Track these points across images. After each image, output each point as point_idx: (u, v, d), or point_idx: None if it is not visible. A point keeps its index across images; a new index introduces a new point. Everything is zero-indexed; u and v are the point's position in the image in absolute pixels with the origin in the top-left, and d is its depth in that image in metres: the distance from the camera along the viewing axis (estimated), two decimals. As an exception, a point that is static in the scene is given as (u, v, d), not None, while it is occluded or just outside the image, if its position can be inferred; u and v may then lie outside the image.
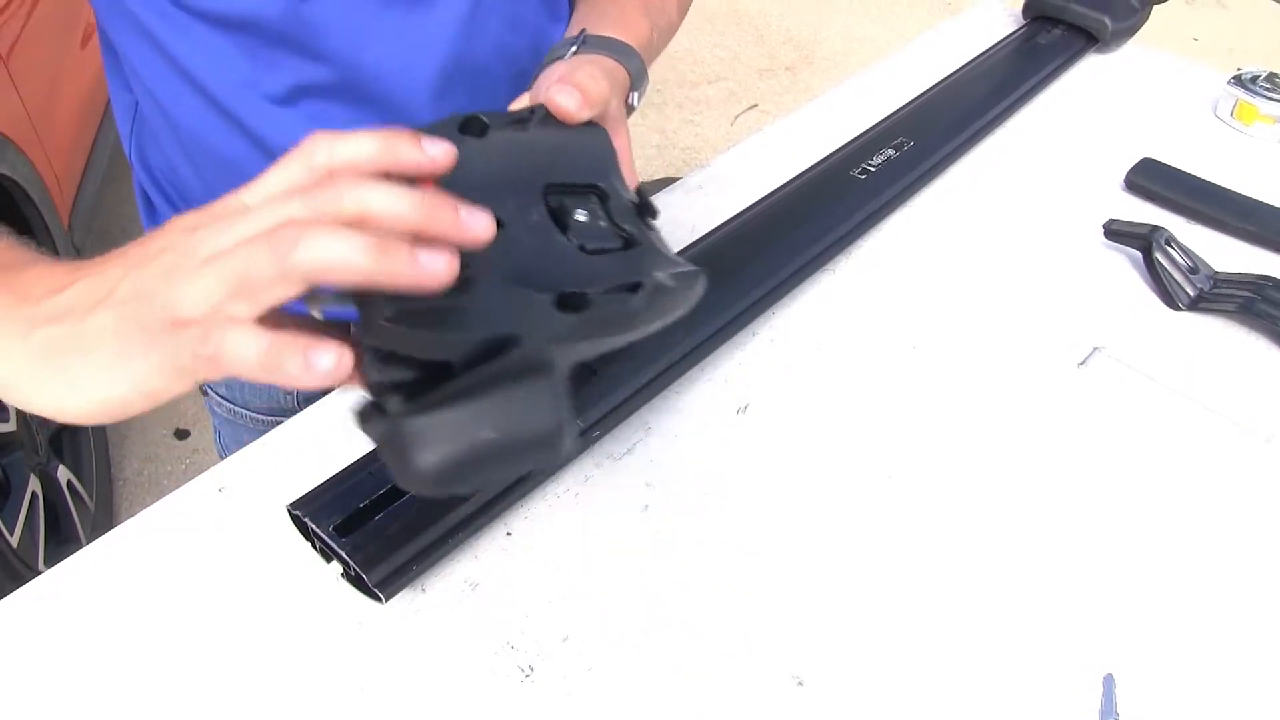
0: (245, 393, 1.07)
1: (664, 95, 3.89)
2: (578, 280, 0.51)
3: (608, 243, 0.55)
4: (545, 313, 0.48)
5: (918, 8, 4.63)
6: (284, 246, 0.44)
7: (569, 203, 0.55)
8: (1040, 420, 0.81)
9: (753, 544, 0.71)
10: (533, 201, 0.54)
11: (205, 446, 2.57)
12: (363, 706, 0.62)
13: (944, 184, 1.08)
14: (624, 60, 0.74)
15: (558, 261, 0.53)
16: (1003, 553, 0.71)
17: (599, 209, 0.56)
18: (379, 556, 0.65)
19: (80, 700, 0.63)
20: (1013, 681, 0.64)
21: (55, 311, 0.50)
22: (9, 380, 0.50)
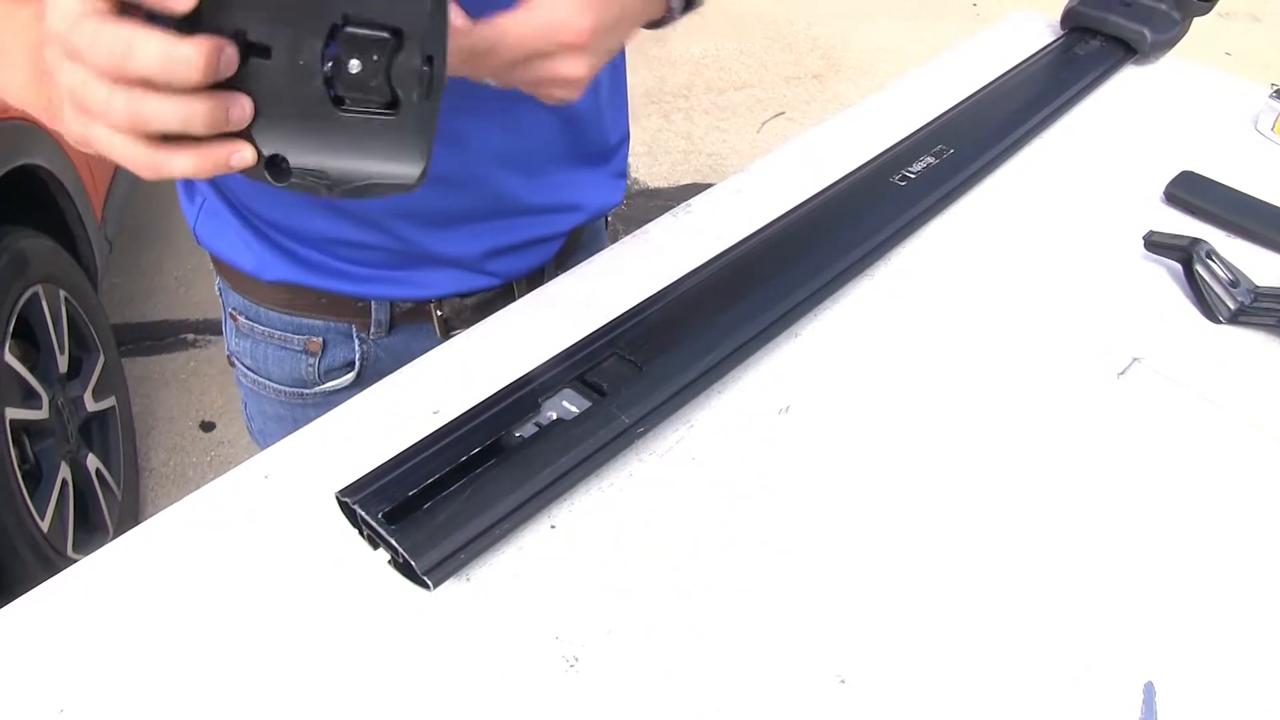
0: (268, 364, 1.08)
1: (690, 101, 3.90)
2: (308, 123, 0.59)
3: (368, 98, 0.59)
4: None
5: (944, 18, 4.64)
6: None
7: (355, 46, 0.57)
8: (1079, 429, 0.81)
9: (795, 542, 0.72)
10: (312, 37, 0.57)
11: (231, 439, 2.59)
12: (408, 694, 0.63)
13: (982, 192, 1.08)
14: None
15: (303, 108, 0.58)
16: (1043, 558, 0.72)
17: (381, 62, 0.58)
18: (427, 544, 0.66)
19: (131, 680, 0.64)
20: (1053, 688, 0.64)
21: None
22: None
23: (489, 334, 0.88)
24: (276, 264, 0.99)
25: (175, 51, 0.53)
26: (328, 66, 0.57)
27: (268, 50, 0.57)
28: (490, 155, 0.92)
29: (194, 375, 2.80)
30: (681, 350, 0.80)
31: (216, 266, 1.07)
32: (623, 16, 0.74)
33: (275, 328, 1.05)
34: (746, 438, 0.79)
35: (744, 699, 0.63)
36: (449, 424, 0.75)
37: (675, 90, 4.00)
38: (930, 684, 0.64)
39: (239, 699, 0.63)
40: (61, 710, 0.62)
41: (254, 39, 0.56)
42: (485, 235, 0.98)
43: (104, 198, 2.56)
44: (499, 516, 0.68)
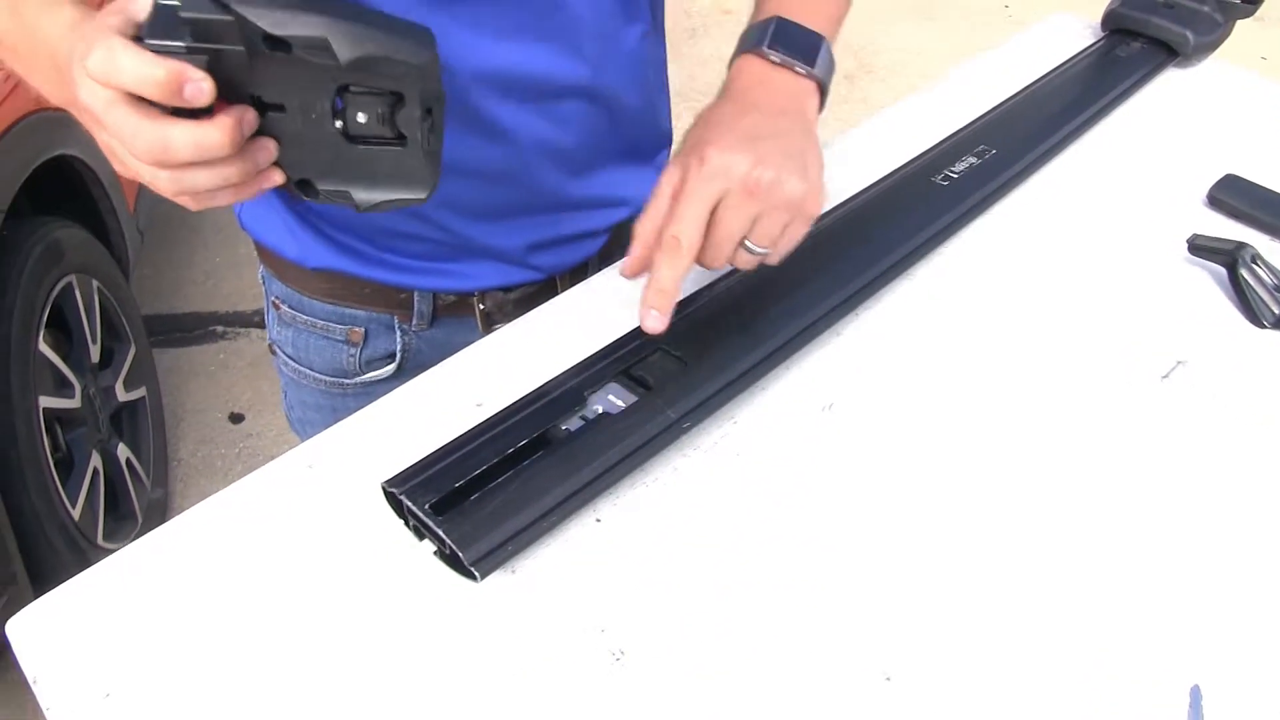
0: (309, 353, 1.09)
1: (721, 99, 3.88)
2: (328, 156, 0.69)
3: (378, 135, 0.68)
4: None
5: (975, 20, 4.61)
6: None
7: (360, 104, 0.67)
8: (1123, 430, 0.81)
9: (840, 539, 0.72)
10: (320, 99, 0.66)
11: (259, 431, 2.60)
12: (453, 685, 0.63)
13: (1024, 194, 1.07)
14: (810, 68, 0.81)
15: (321, 145, 0.68)
16: (1088, 560, 0.71)
17: (386, 114, 0.67)
18: (475, 536, 0.66)
19: (176, 666, 0.64)
20: (1100, 691, 0.64)
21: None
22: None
23: (531, 327, 0.89)
24: (321, 251, 0.99)
25: (205, 138, 0.63)
26: (337, 118, 0.67)
27: (282, 106, 0.66)
28: (535, 149, 0.92)
29: (223, 367, 2.81)
30: (726, 346, 0.80)
31: (260, 253, 1.08)
32: (774, 132, 0.76)
33: (317, 317, 1.06)
34: (790, 435, 0.79)
35: (789, 696, 0.63)
36: (495, 416, 0.75)
37: (705, 88, 3.99)
38: (976, 683, 0.64)
39: (282, 687, 0.63)
40: (108, 694, 0.63)
41: (268, 100, 0.66)
42: (529, 228, 0.98)
43: (137, 189, 2.57)
44: (546, 509, 0.68)
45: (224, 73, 0.62)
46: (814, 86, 0.82)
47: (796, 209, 0.74)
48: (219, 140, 0.63)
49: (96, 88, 0.62)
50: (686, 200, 0.73)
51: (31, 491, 1.84)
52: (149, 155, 0.63)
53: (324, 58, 0.63)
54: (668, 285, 0.74)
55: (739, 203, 0.73)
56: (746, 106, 0.78)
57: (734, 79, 0.82)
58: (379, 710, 0.62)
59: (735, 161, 0.72)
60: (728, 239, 0.74)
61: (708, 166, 0.72)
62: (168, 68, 0.60)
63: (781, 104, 0.79)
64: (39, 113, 2.02)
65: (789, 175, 0.73)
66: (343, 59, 0.63)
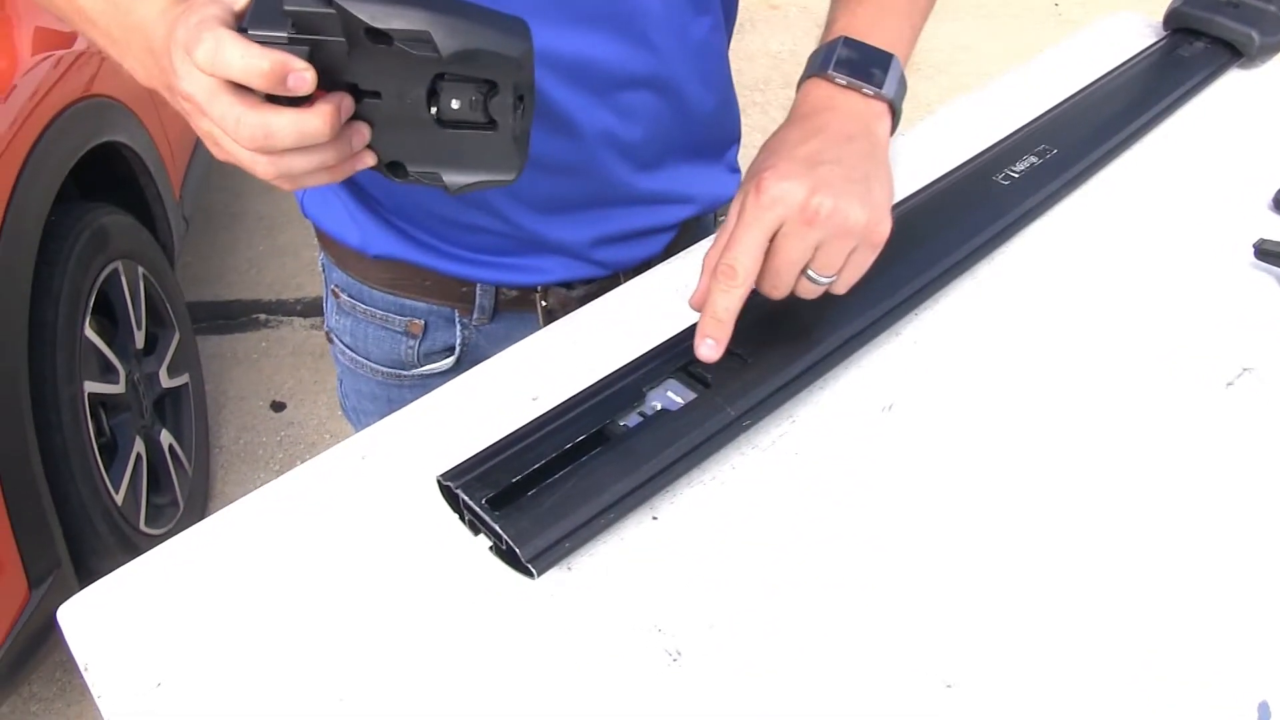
0: (367, 343, 1.09)
1: (767, 95, 3.88)
2: (420, 140, 0.70)
3: (469, 120, 0.69)
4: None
5: (1024, 18, 4.57)
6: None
7: (454, 91, 0.68)
8: (1188, 437, 0.79)
9: (900, 541, 0.71)
10: (414, 87, 0.67)
11: (300, 420, 2.61)
12: (506, 683, 0.63)
13: (1085, 195, 1.05)
14: (878, 89, 0.79)
15: (413, 128, 0.70)
16: (1151, 569, 0.70)
17: (479, 101, 0.68)
18: (532, 532, 0.65)
19: (226, 656, 0.64)
20: (1165, 705, 0.62)
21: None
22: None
23: (589, 320, 0.88)
24: (383, 238, 0.99)
25: (306, 126, 0.64)
26: (431, 104, 0.68)
27: (377, 93, 0.68)
28: (601, 141, 0.91)
29: (265, 355, 2.82)
30: (786, 345, 0.79)
31: (320, 240, 1.08)
32: (838, 157, 0.74)
33: (377, 307, 1.05)
34: (849, 435, 0.78)
35: (848, 701, 0.62)
36: (553, 411, 0.74)
37: (752, 84, 3.98)
38: (1039, 694, 0.63)
39: (332, 679, 0.63)
40: (159, 684, 0.63)
41: (364, 88, 0.68)
42: (595, 222, 0.98)
43: (183, 176, 2.58)
44: (603, 506, 0.68)
45: (323, 62, 0.64)
46: (884, 108, 0.79)
47: (860, 236, 0.72)
48: (319, 128, 0.65)
49: (200, 77, 0.64)
50: (742, 228, 0.71)
51: (76, 476, 1.85)
52: (252, 142, 0.65)
53: (425, 50, 0.64)
54: (722, 315, 0.72)
55: (798, 230, 0.71)
56: (810, 131, 0.76)
57: (800, 103, 0.80)
58: (432, 706, 0.61)
59: (792, 189, 0.70)
60: (787, 268, 0.73)
61: (765, 195, 0.71)
62: (272, 59, 0.62)
63: (849, 129, 0.77)
64: (87, 99, 2.04)
65: (850, 201, 0.71)
66: (444, 52, 0.64)
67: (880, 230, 0.73)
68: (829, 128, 0.76)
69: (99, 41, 0.77)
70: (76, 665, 0.65)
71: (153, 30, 0.70)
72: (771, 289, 0.75)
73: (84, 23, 0.77)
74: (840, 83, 0.78)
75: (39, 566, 1.75)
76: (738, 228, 0.72)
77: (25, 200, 1.81)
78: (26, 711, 2.07)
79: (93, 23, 0.76)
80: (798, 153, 0.73)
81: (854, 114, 0.78)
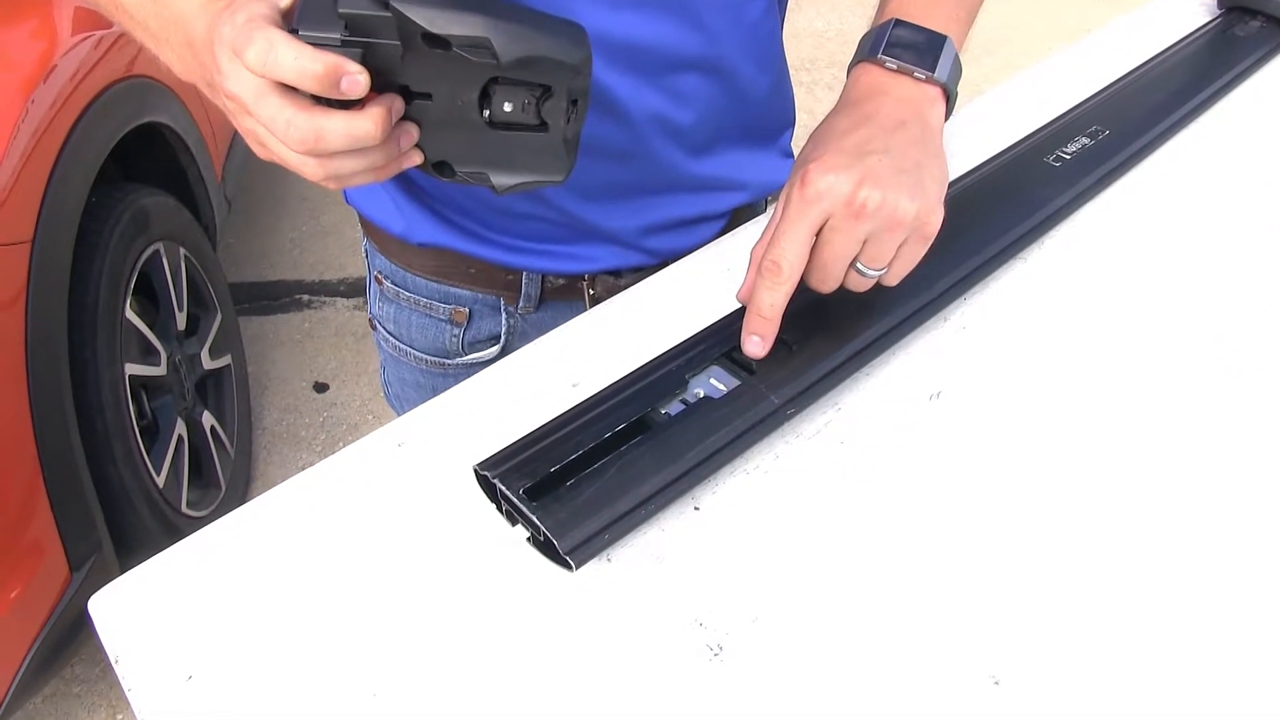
0: (411, 330, 1.08)
1: (813, 75, 3.84)
2: (469, 140, 0.70)
3: (521, 122, 0.69)
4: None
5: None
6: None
7: (508, 94, 0.67)
8: (1241, 426, 0.77)
9: (946, 533, 0.69)
10: (467, 91, 0.67)
11: (343, 401, 2.61)
12: (543, 677, 0.61)
13: (1137, 177, 1.02)
14: (930, 72, 0.76)
15: (463, 130, 0.69)
16: (1204, 559, 0.67)
17: (531, 104, 0.68)
18: (571, 523, 0.64)
19: (258, 648, 0.63)
20: (1218, 700, 0.60)
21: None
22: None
23: (630, 305, 0.86)
24: (427, 226, 0.97)
25: (357, 129, 0.64)
26: (483, 106, 0.68)
27: (428, 95, 0.67)
28: (652, 125, 0.89)
29: (308, 336, 2.83)
30: (832, 331, 0.77)
31: (364, 228, 1.06)
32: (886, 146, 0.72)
33: (421, 295, 1.04)
34: (896, 423, 0.76)
35: (894, 696, 0.60)
36: (592, 398, 0.73)
37: (797, 63, 3.94)
38: (1090, 690, 0.60)
39: (365, 673, 0.62)
40: (190, 677, 0.62)
41: (416, 90, 0.67)
42: (645, 210, 0.96)
43: (224, 157, 2.59)
44: (644, 497, 0.66)
45: (375, 64, 0.63)
46: (938, 92, 0.76)
47: (910, 228, 0.70)
48: (371, 131, 0.64)
49: (248, 77, 0.63)
50: (788, 223, 0.70)
51: (117, 459, 1.86)
52: (302, 145, 0.64)
53: (484, 56, 0.64)
54: (768, 312, 0.71)
55: (845, 225, 0.69)
56: (860, 119, 0.74)
57: (850, 89, 0.78)
58: (467, 702, 0.60)
59: (838, 182, 0.68)
60: (835, 262, 0.71)
61: (809, 188, 0.69)
62: (326, 62, 0.61)
63: (900, 115, 0.74)
64: (128, 79, 2.04)
65: (899, 193, 0.68)
66: (504, 59, 0.64)
67: (932, 222, 0.71)
68: (879, 115, 0.74)
69: (135, 33, 0.77)
70: (114, 652, 0.64)
71: (192, 24, 0.68)
72: (819, 283, 0.73)
73: (119, 13, 0.76)
74: (891, 67, 0.76)
75: (80, 550, 1.76)
76: (782, 222, 0.70)
77: (65, 181, 1.81)
78: (69, 693, 2.09)
79: (129, 14, 0.75)
80: (845, 143, 0.71)
81: (905, 99, 0.75)
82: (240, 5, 0.64)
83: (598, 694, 0.60)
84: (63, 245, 1.81)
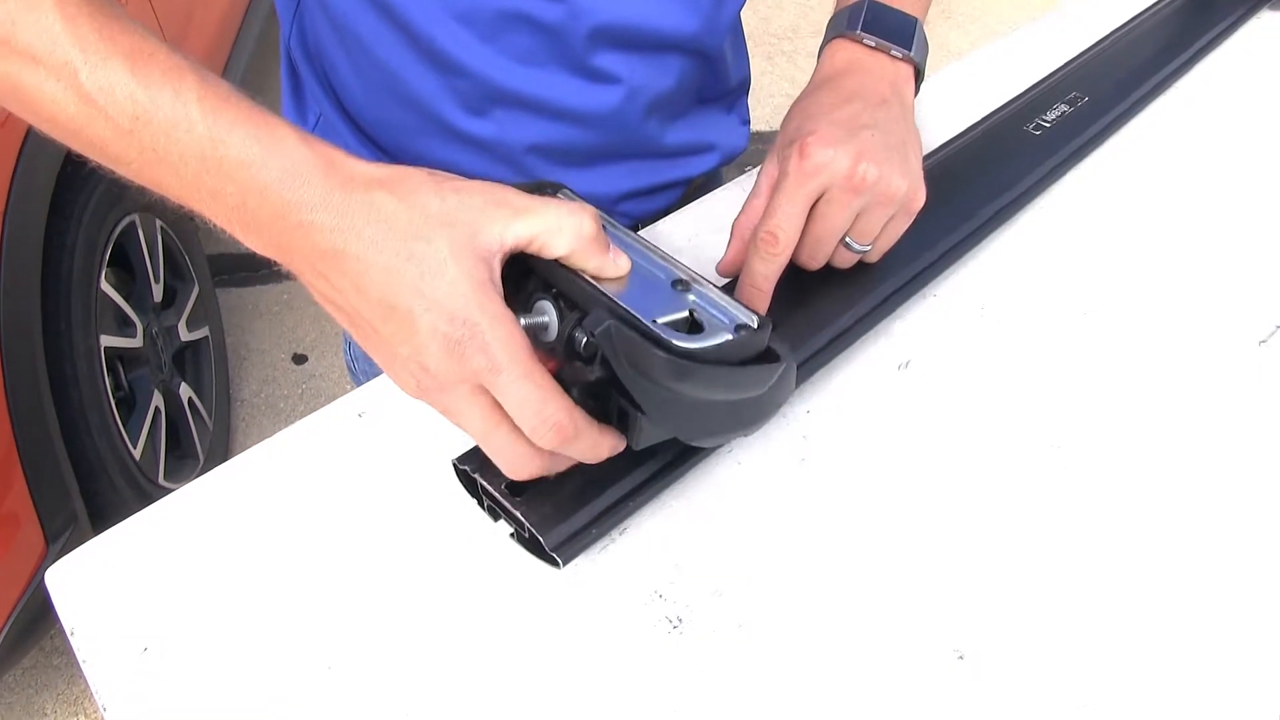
0: None
1: (795, 44, 3.82)
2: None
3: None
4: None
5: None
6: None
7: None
8: (1216, 398, 0.76)
9: (912, 506, 0.68)
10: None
11: (322, 372, 2.60)
12: (500, 645, 0.60)
13: (1118, 143, 1.01)
14: (905, 51, 0.79)
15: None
16: (1172, 536, 0.66)
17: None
18: (556, 519, 0.62)
19: (214, 621, 0.62)
20: (1183, 678, 0.59)
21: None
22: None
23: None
24: None
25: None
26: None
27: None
28: (639, 94, 0.89)
29: (287, 308, 2.81)
30: (811, 311, 0.76)
31: None
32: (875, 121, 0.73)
33: None
34: (864, 393, 0.75)
35: (857, 670, 0.59)
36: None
37: (780, 32, 3.92)
38: (1052, 661, 0.60)
39: (321, 644, 0.61)
40: (145, 649, 0.61)
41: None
42: (623, 176, 0.96)
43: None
44: (629, 489, 0.64)
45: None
46: (910, 71, 0.79)
47: (899, 203, 0.71)
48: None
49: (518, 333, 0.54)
50: (786, 195, 0.69)
51: (93, 431, 1.85)
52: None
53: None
54: (762, 283, 0.71)
55: (841, 198, 0.70)
56: (845, 95, 0.75)
57: (827, 64, 0.80)
58: (420, 676, 0.59)
59: (838, 156, 0.69)
60: (829, 235, 0.72)
61: (809, 161, 0.69)
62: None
63: (882, 91, 0.76)
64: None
65: (892, 170, 0.70)
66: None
67: (918, 198, 0.72)
68: (864, 91, 0.75)
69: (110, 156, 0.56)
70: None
71: (264, 171, 0.53)
72: (810, 259, 0.74)
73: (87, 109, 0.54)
74: (869, 44, 0.79)
75: (56, 521, 1.74)
76: (780, 195, 0.70)
77: (38, 152, 1.79)
78: (49, 665, 2.08)
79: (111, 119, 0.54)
80: (836, 116, 0.72)
81: (883, 76, 0.78)
82: (445, 194, 0.53)
83: (555, 663, 0.59)
84: (36, 216, 1.79)
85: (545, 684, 0.59)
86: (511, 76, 0.84)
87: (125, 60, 0.51)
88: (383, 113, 0.90)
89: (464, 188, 0.54)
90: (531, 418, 0.53)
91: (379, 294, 0.52)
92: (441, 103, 0.87)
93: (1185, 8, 1.22)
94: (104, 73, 0.51)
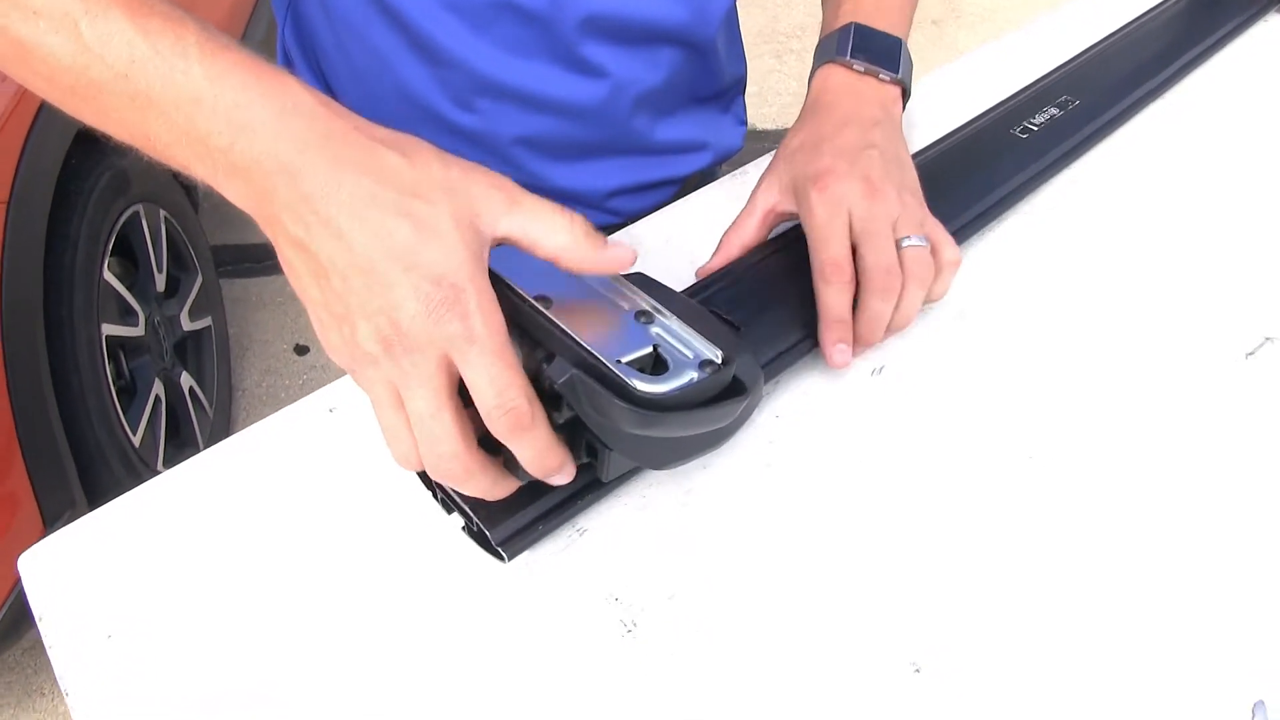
0: None
1: (804, 42, 3.80)
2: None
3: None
4: None
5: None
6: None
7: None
8: (1200, 410, 0.75)
9: (876, 515, 0.67)
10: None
11: (324, 364, 2.61)
12: (455, 644, 0.60)
13: (1107, 149, 1.01)
14: (893, 74, 0.83)
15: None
16: (1145, 551, 0.66)
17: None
18: (504, 514, 0.62)
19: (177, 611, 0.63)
20: (1149, 701, 0.58)
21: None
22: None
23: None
24: None
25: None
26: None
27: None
28: (628, 88, 0.91)
29: (290, 299, 2.81)
30: (784, 312, 0.75)
31: None
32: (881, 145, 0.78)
33: None
34: (835, 398, 0.74)
35: (811, 680, 0.59)
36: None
37: (789, 30, 3.91)
38: (1010, 678, 0.59)
39: (283, 635, 0.61)
40: (109, 636, 0.62)
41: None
42: (612, 172, 0.97)
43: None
44: (580, 485, 0.64)
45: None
46: (898, 91, 0.84)
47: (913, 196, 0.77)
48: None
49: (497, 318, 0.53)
50: (827, 227, 0.73)
51: (93, 417, 1.86)
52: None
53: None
54: (844, 313, 0.72)
55: (871, 207, 0.73)
56: (840, 122, 0.79)
57: (821, 91, 0.84)
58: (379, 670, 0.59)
59: (852, 178, 0.73)
60: (884, 246, 0.74)
61: (830, 193, 0.73)
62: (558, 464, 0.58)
63: (873, 114, 0.80)
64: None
65: (896, 178, 0.76)
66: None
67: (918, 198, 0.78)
68: (858, 115, 0.80)
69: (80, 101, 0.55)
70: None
71: (266, 140, 0.51)
72: (885, 283, 0.73)
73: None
74: (858, 69, 0.83)
75: (54, 506, 1.76)
76: (824, 228, 0.72)
77: (42, 141, 1.80)
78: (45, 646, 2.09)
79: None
80: (839, 144, 0.77)
81: (874, 99, 0.82)
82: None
83: (508, 664, 0.59)
84: (40, 205, 1.81)
85: (497, 683, 0.58)
86: (500, 68, 0.85)
87: (125, 9, 0.50)
88: (373, 103, 0.91)
89: (468, 165, 0.54)
90: (494, 397, 0.52)
91: (364, 245, 0.50)
92: (430, 94, 0.88)
93: (1188, 10, 1.21)
94: (103, 21, 0.50)
